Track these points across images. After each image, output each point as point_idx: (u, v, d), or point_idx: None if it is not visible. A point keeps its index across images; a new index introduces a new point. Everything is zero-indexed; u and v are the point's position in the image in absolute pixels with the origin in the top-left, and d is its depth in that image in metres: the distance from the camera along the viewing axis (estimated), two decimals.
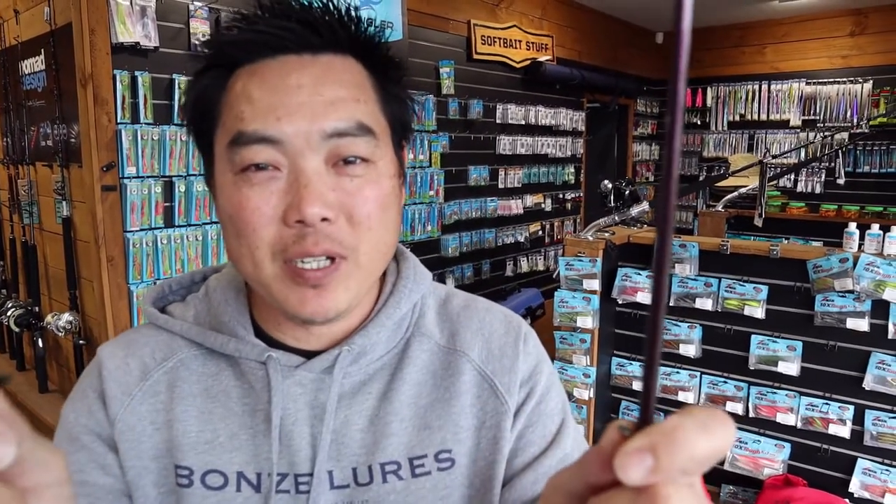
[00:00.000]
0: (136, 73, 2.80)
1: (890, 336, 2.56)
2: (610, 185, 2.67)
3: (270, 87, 0.60)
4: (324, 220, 0.59)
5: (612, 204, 2.71)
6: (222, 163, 0.62)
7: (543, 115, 5.39)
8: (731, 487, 3.00)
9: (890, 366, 2.57)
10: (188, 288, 0.79)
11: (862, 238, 2.67)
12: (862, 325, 2.60)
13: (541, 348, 0.78)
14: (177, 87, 2.95)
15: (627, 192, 2.66)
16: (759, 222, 3.02)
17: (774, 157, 3.57)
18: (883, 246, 2.57)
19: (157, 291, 0.77)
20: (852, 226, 2.71)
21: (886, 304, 2.54)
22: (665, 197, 0.28)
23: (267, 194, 0.60)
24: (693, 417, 0.27)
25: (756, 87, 6.95)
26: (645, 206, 2.79)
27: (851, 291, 2.59)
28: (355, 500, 0.66)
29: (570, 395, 3.10)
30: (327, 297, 0.62)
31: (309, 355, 0.69)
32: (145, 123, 2.84)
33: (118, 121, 2.77)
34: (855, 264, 2.55)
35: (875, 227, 2.63)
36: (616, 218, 2.83)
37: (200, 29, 3.02)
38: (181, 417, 0.67)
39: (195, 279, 0.79)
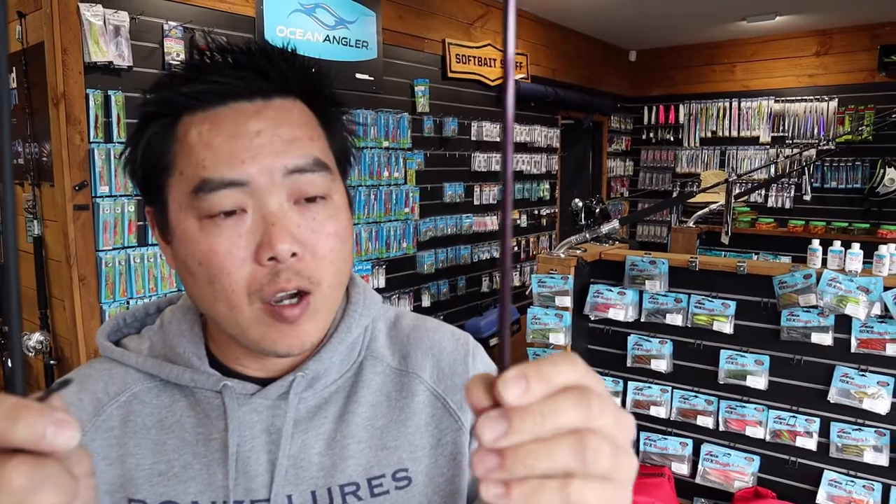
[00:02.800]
0: (110, 92, 2.81)
1: (852, 350, 2.62)
2: (580, 204, 2.72)
3: (230, 135, 0.62)
4: (293, 255, 0.62)
5: (584, 221, 2.75)
6: (183, 211, 0.64)
7: (518, 132, 5.46)
8: (702, 500, 3.04)
9: (853, 379, 2.64)
10: (142, 321, 0.80)
11: (825, 254, 2.74)
12: (826, 339, 2.66)
13: (489, 362, 0.81)
14: None
15: (598, 210, 2.71)
16: (725, 239, 3.09)
17: (740, 176, 3.65)
18: (845, 262, 2.64)
19: (112, 325, 0.78)
20: (815, 242, 2.78)
21: (849, 318, 2.60)
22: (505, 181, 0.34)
23: (236, 237, 0.62)
24: (549, 358, 0.34)
25: (727, 104, 7.10)
26: (615, 223, 2.84)
27: (815, 307, 2.65)
28: None
29: None
30: (300, 332, 0.64)
31: (263, 383, 0.70)
32: (118, 142, 2.84)
33: (91, 140, 2.77)
34: (818, 280, 2.61)
35: (837, 244, 2.70)
36: (587, 235, 2.88)
37: (175, 48, 3.03)
38: (134, 451, 0.68)
39: (149, 311, 0.80)
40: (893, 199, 6.11)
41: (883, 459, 2.61)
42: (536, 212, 5.84)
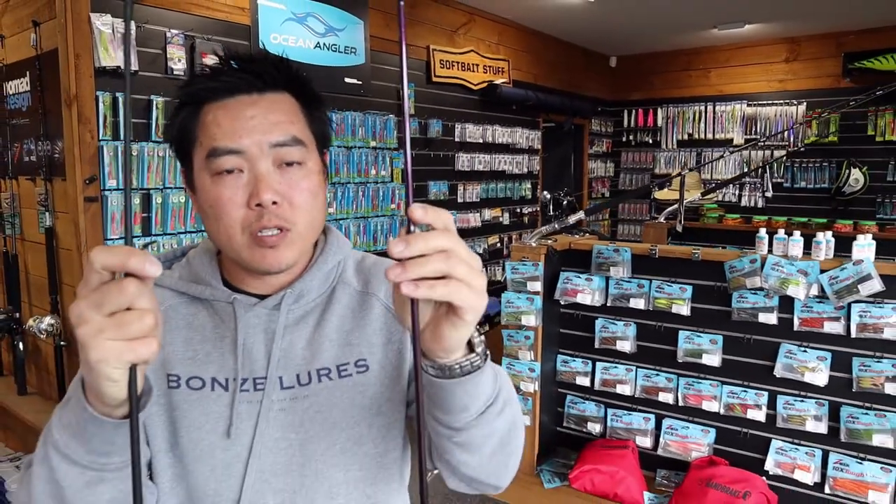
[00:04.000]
0: (118, 94, 3.06)
1: (795, 328, 2.89)
2: (549, 196, 2.98)
3: (233, 117, 0.89)
4: (274, 203, 0.88)
5: (552, 213, 3.01)
6: (201, 170, 0.90)
7: (500, 134, 5.73)
8: (664, 471, 3.29)
9: (796, 355, 2.90)
10: (172, 260, 1.08)
11: (771, 242, 3.01)
12: (771, 319, 2.93)
13: None
14: (154, 107, 3.20)
15: (565, 203, 2.96)
16: (679, 228, 3.35)
17: (690, 170, 3.92)
18: (787, 248, 2.91)
19: None
20: (762, 231, 3.05)
21: (791, 299, 2.87)
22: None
23: (235, 189, 0.88)
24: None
25: (702, 108, 7.40)
26: (581, 214, 3.10)
27: (761, 289, 2.92)
28: (298, 396, 0.94)
29: (517, 389, 3.38)
30: (278, 255, 0.91)
31: (263, 298, 0.98)
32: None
33: (100, 137, 3.01)
34: (763, 265, 2.88)
35: (781, 232, 2.96)
36: (556, 226, 3.14)
37: (177, 54, 3.28)
38: (171, 341, 0.95)
39: (177, 254, 1.08)
40: (859, 199, 6.42)
41: (822, 427, 2.87)
42: (518, 210, 6.10)
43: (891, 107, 6.14)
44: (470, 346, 0.72)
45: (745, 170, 6.84)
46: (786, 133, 6.68)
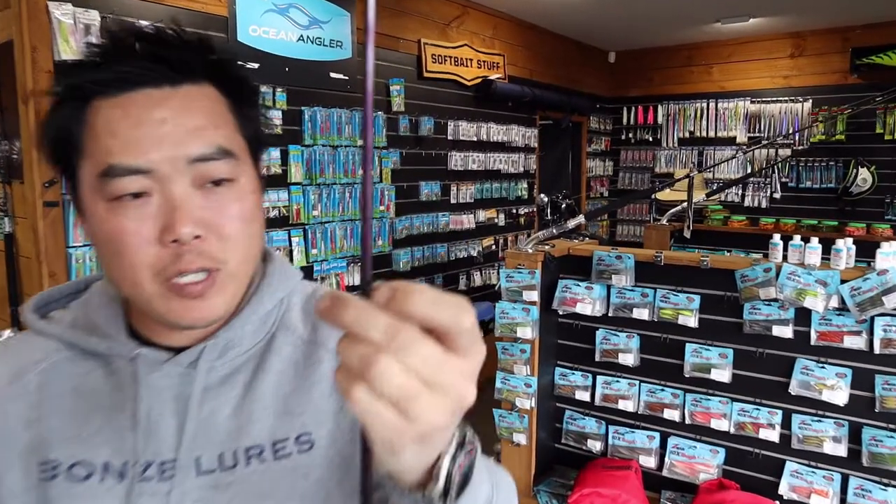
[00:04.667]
0: None
1: (812, 342, 2.67)
2: (546, 199, 2.75)
3: (135, 122, 0.65)
4: (196, 237, 0.66)
5: (549, 217, 2.79)
6: (92, 191, 0.66)
7: (495, 131, 5.51)
8: (669, 493, 3.08)
9: (813, 371, 2.69)
10: (73, 295, 0.83)
11: (786, 249, 2.79)
12: (786, 332, 2.71)
13: None
14: None
15: (564, 206, 2.74)
16: (687, 234, 3.14)
17: (700, 170, 3.71)
18: (804, 256, 2.69)
19: (38, 300, 0.82)
20: (776, 237, 2.84)
21: (808, 311, 2.66)
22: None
23: (141, 219, 0.65)
24: (430, 290, 0.38)
25: (704, 105, 7.18)
26: (581, 218, 2.88)
27: (776, 300, 2.70)
28: (220, 483, 0.70)
29: (512, 405, 3.16)
30: (206, 306, 0.68)
31: (179, 352, 0.74)
32: None
33: None
34: (778, 274, 2.67)
35: (797, 239, 2.75)
36: (554, 230, 2.92)
37: None
38: (49, 415, 0.72)
39: (80, 286, 0.84)
40: (867, 199, 6.21)
41: (842, 450, 2.66)
42: (514, 211, 5.88)
43: None
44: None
45: (749, 170, 6.62)
46: (791, 131, 6.46)
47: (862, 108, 5.42)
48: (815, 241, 2.67)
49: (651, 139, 7.56)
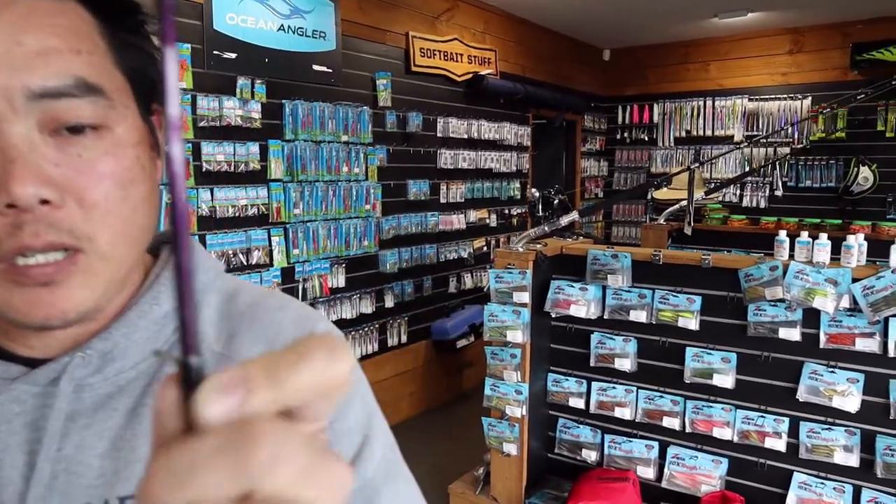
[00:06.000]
0: None
1: (821, 345, 2.51)
2: (538, 194, 2.58)
3: None
4: (45, 202, 0.47)
5: (541, 213, 2.61)
6: None
7: (487, 129, 5.34)
8: None
9: (822, 376, 2.52)
10: None
11: (793, 247, 2.63)
12: (794, 334, 2.55)
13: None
14: None
15: (556, 202, 2.57)
16: (688, 230, 2.97)
17: (701, 164, 3.54)
18: (812, 254, 2.53)
19: None
20: (782, 234, 2.67)
21: (817, 312, 2.49)
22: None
23: None
24: (293, 349, 0.25)
25: (701, 103, 7.02)
26: (574, 215, 2.71)
27: (782, 300, 2.54)
28: None
29: (502, 414, 2.98)
30: (63, 297, 0.50)
31: (39, 364, 0.55)
32: None
33: None
34: (785, 273, 2.50)
35: (804, 235, 2.59)
36: (546, 228, 2.75)
37: None
38: None
39: None
40: (868, 198, 6.06)
41: (853, 460, 2.50)
42: (506, 211, 5.71)
43: None
44: None
45: (747, 168, 6.46)
46: (790, 129, 6.30)
47: (853, 105, 5.25)
48: (823, 237, 2.51)
49: (647, 138, 7.40)
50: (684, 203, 4.29)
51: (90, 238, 0.50)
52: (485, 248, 5.40)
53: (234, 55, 3.43)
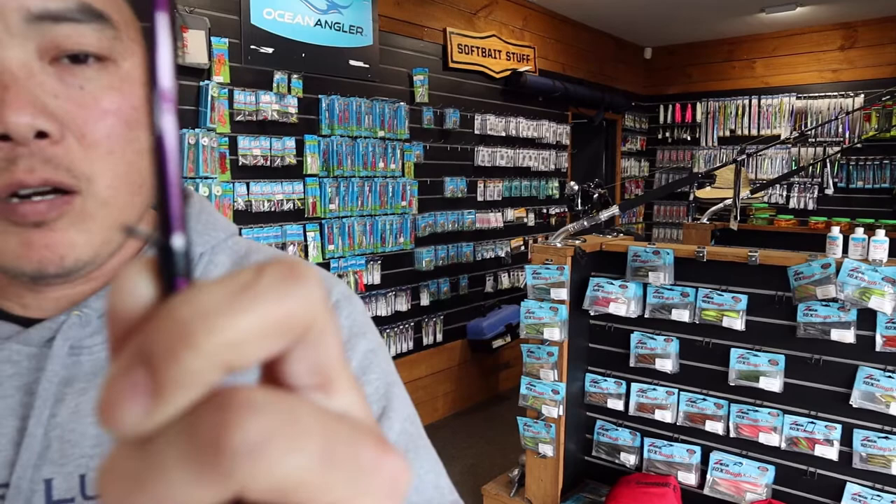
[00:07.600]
0: None
1: (877, 348, 2.38)
2: (576, 188, 2.50)
3: None
4: (41, 135, 0.43)
5: (580, 207, 2.53)
6: None
7: (525, 126, 5.26)
8: None
9: (878, 381, 2.39)
10: None
11: (846, 246, 2.50)
12: (847, 336, 2.42)
13: (359, 318, 0.60)
14: None
15: (595, 196, 2.49)
16: (734, 225, 2.85)
17: (749, 155, 3.41)
18: (868, 251, 2.40)
19: None
20: (835, 230, 2.55)
21: (873, 313, 2.36)
22: None
23: None
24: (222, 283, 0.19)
25: (746, 101, 6.84)
26: (615, 209, 2.62)
27: (835, 300, 2.41)
28: None
29: (538, 414, 2.91)
30: (58, 240, 0.46)
31: (33, 323, 0.51)
32: None
33: None
34: (838, 270, 2.37)
35: (859, 231, 2.46)
36: (585, 223, 2.66)
37: None
38: None
39: None
40: None
41: None
42: (545, 210, 5.62)
43: None
44: None
45: (794, 167, 6.25)
46: (840, 128, 6.08)
47: None
48: (881, 233, 2.38)
49: (689, 138, 7.23)
50: (728, 201, 4.16)
51: (89, 179, 0.46)
52: (522, 248, 5.33)
53: (271, 50, 3.43)
